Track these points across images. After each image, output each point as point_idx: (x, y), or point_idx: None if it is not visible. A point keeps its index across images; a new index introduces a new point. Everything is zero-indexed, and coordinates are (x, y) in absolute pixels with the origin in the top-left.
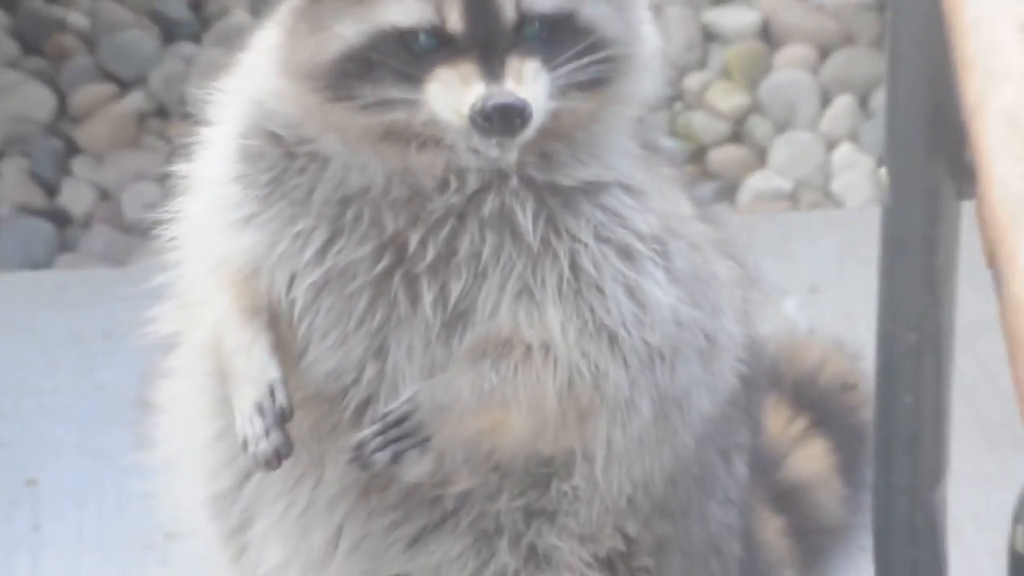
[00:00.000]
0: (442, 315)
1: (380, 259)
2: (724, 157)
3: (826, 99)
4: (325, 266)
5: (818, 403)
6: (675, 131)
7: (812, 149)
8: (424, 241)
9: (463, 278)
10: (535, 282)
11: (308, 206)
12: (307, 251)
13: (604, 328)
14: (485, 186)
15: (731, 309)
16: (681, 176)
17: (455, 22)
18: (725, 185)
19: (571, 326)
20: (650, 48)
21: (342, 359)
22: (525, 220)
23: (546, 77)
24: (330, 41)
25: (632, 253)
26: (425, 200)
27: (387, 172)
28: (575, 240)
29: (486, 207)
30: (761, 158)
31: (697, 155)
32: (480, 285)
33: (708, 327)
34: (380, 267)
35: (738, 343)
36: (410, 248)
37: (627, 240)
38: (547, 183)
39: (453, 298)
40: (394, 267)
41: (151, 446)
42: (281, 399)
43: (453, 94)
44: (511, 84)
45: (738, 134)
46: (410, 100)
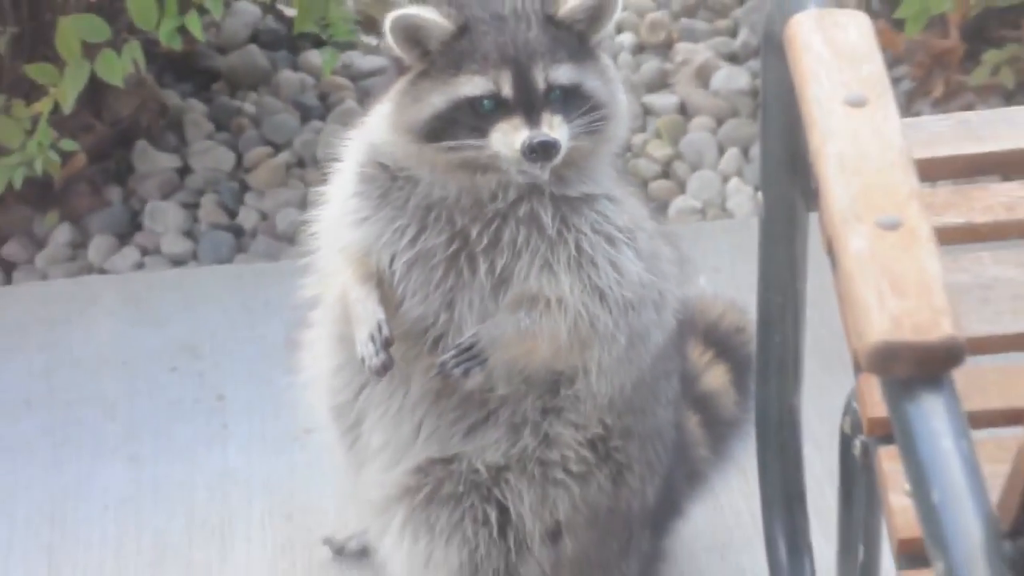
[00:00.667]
0: (492, 281)
1: (451, 244)
2: (658, 187)
3: (722, 150)
4: (415, 249)
5: (720, 341)
6: (627, 171)
7: (714, 182)
8: (481, 233)
9: (505, 256)
10: (553, 259)
11: (404, 211)
12: (403, 240)
13: (597, 288)
14: (520, 197)
15: (672, 277)
16: (639, 192)
17: (507, 91)
18: (659, 205)
19: (576, 287)
20: (624, 108)
21: (425, 309)
22: (546, 219)
23: (566, 126)
24: (425, 107)
25: (614, 239)
26: (482, 206)
27: (458, 188)
28: (579, 232)
29: (521, 210)
30: (681, 188)
31: (640, 186)
32: (517, 261)
33: (660, 288)
34: (451, 250)
35: (676, 300)
36: (471, 237)
37: (611, 231)
38: (561, 195)
39: (499, 270)
40: (460, 250)
41: (298, 372)
42: (386, 332)
43: (509, 138)
44: (546, 128)
45: (666, 172)
46: (478, 145)
